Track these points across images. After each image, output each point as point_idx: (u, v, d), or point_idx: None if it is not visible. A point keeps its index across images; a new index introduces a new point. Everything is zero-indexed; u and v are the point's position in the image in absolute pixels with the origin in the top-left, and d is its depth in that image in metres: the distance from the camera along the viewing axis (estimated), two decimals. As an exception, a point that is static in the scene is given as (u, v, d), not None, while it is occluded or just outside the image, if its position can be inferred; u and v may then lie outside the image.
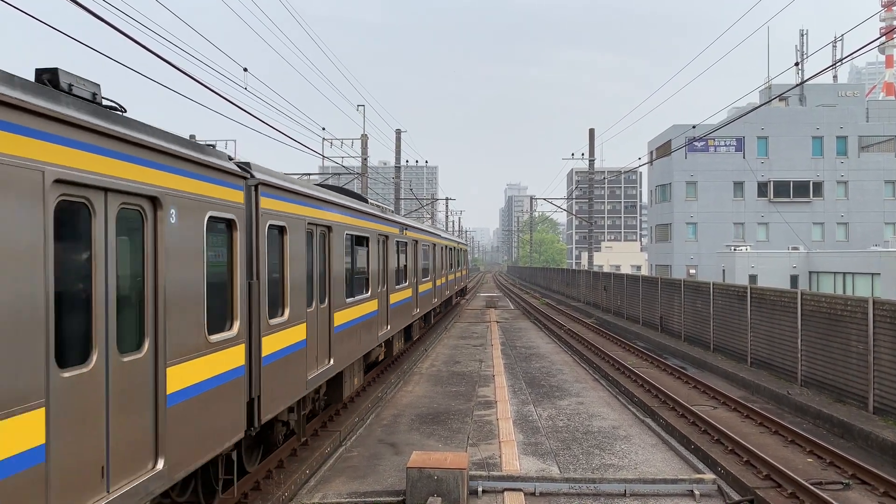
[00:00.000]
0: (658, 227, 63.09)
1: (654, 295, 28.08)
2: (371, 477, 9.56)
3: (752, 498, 8.99)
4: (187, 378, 6.07)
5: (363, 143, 33.06)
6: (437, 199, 70.60)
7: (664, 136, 59.00)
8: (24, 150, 4.17)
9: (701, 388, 16.50)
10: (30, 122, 4.22)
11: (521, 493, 8.85)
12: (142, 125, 5.51)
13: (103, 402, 4.91)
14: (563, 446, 11.08)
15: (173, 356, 5.83)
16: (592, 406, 14.11)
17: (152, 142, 5.52)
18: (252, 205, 7.64)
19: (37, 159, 4.26)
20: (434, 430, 12.12)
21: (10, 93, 4.05)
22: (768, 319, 17.81)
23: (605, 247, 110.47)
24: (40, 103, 4.29)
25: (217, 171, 6.70)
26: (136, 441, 5.31)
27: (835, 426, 12.75)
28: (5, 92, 4.01)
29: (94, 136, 4.84)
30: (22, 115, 4.15)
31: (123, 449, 5.12)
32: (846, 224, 56.12)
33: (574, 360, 20.53)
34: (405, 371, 18.19)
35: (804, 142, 55.98)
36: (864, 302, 13.62)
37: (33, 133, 4.25)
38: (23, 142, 4.17)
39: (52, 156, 4.39)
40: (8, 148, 4.05)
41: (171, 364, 5.78)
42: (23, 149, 4.17)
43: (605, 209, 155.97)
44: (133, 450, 5.26)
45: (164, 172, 5.72)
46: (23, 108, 4.13)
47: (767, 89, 56.00)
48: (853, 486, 9.54)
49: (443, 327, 29.54)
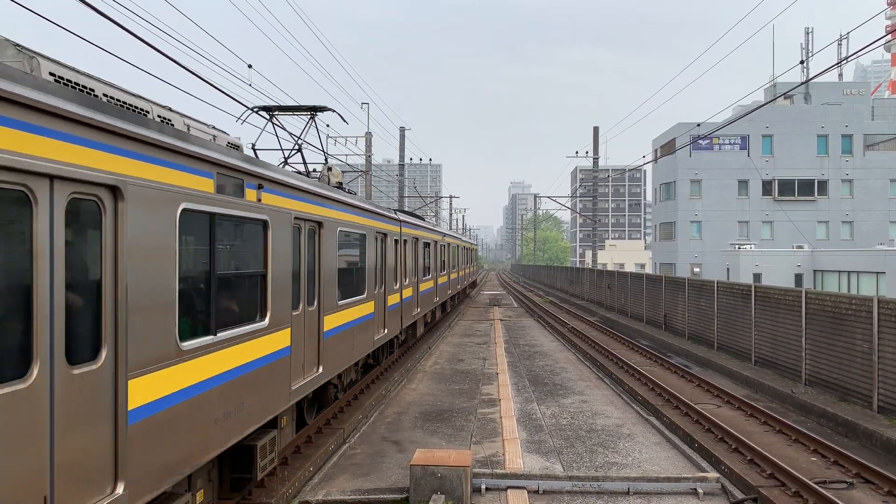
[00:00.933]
0: (662, 225, 63.00)
1: (658, 293, 28.05)
2: (375, 474, 9.57)
3: (756, 497, 8.98)
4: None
5: (367, 141, 33.08)
6: (441, 197, 70.58)
7: (669, 135, 58.88)
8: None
9: (705, 387, 16.49)
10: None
11: (524, 491, 8.85)
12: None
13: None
14: (567, 444, 11.08)
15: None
16: (596, 404, 14.10)
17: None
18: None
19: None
20: (438, 427, 12.14)
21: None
22: (772, 318, 17.78)
23: (609, 245, 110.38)
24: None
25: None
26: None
27: (839, 425, 12.72)
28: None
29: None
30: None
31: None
32: (851, 223, 55.96)
33: (578, 359, 20.52)
34: (409, 369, 18.20)
35: (809, 140, 55.82)
36: (869, 301, 13.58)
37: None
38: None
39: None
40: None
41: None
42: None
43: (610, 207, 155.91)
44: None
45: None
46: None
47: (772, 87, 55.87)
48: (857, 486, 9.52)
49: (446, 325, 29.57)
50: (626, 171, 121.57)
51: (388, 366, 18.27)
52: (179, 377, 5.76)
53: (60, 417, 4.34)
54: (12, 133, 3.91)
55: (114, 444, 4.89)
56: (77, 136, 4.45)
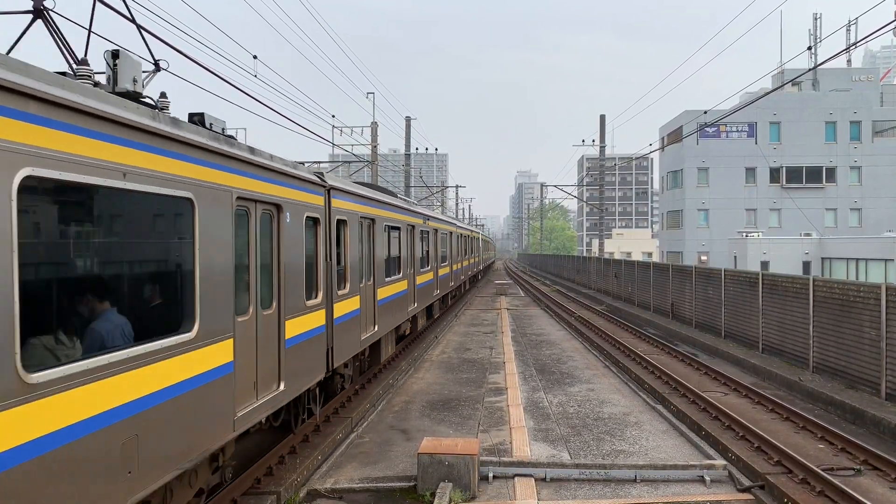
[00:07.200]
0: (669, 213, 62.81)
1: (665, 282, 28.00)
2: (382, 462, 9.62)
3: (763, 484, 8.99)
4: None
5: (373, 131, 33.02)
6: (447, 187, 70.43)
7: (676, 122, 58.60)
8: (218, 178, 6.60)
9: (712, 375, 16.48)
10: (222, 162, 6.71)
11: (531, 479, 8.89)
12: (272, 156, 8.08)
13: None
14: (574, 433, 11.10)
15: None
16: (603, 393, 14.12)
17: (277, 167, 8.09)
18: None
19: (225, 184, 6.75)
20: (445, 416, 12.18)
21: (212, 144, 6.50)
22: (780, 306, 17.74)
23: (616, 234, 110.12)
24: (242, 153, 7.17)
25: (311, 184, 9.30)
26: (271, 366, 8.11)
27: (847, 412, 12.71)
28: (209, 143, 6.37)
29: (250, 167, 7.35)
30: (217, 157, 6.62)
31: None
32: (859, 210, 55.67)
33: (584, 347, 20.54)
34: (416, 358, 18.25)
35: (817, 127, 55.47)
36: (877, 288, 13.53)
37: (225, 168, 6.79)
38: (216, 173, 6.62)
39: (235, 181, 7.05)
40: (210, 177, 6.48)
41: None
42: (217, 177, 6.61)
43: (616, 196, 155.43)
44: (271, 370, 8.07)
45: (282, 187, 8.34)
46: (213, 149, 6.47)
47: (780, 74, 55.54)
48: (865, 472, 9.52)
49: (453, 314, 29.59)
50: (633, 160, 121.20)
51: (393, 356, 18.32)
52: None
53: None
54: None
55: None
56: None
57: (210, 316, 6.35)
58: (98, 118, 4.79)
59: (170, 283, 6.02)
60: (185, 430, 5.89)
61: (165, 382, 5.58)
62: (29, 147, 4.14)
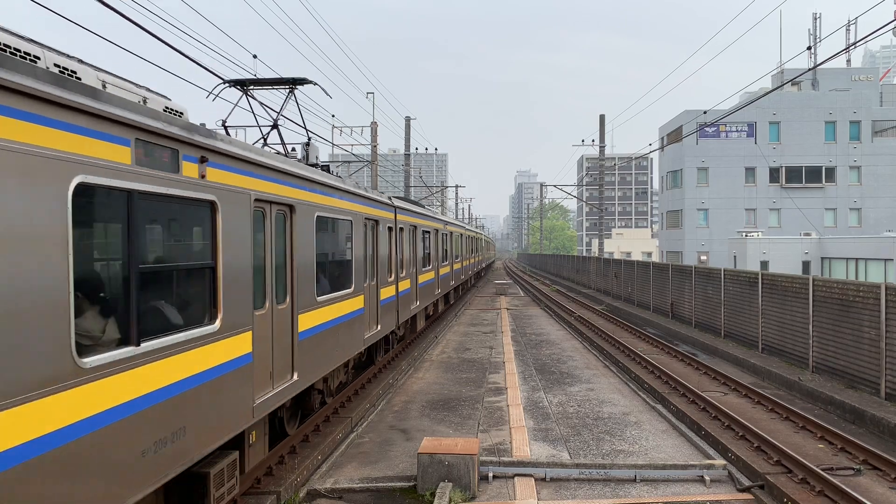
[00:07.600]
0: (669, 213, 62.79)
1: (665, 282, 28.01)
2: (382, 462, 9.63)
3: (763, 483, 8.99)
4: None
5: (373, 131, 33.01)
6: (447, 187, 70.43)
7: (675, 122, 58.59)
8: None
9: (711, 375, 16.49)
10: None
11: (531, 479, 8.89)
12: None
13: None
14: (574, 432, 11.11)
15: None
16: (603, 392, 14.13)
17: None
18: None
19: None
20: (445, 416, 12.18)
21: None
22: (780, 306, 17.74)
23: (616, 234, 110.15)
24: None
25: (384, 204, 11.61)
26: (286, 358, 8.53)
27: (846, 412, 12.71)
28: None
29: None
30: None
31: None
32: (859, 210, 55.65)
33: (584, 347, 20.54)
34: (416, 358, 18.26)
35: (817, 127, 55.44)
36: (877, 287, 13.53)
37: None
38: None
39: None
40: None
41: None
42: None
43: (616, 196, 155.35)
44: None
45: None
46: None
47: (780, 74, 55.51)
48: (864, 472, 9.52)
49: (453, 315, 29.61)
50: (633, 160, 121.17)
51: (394, 355, 18.32)
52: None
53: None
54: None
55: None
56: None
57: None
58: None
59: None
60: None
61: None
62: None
